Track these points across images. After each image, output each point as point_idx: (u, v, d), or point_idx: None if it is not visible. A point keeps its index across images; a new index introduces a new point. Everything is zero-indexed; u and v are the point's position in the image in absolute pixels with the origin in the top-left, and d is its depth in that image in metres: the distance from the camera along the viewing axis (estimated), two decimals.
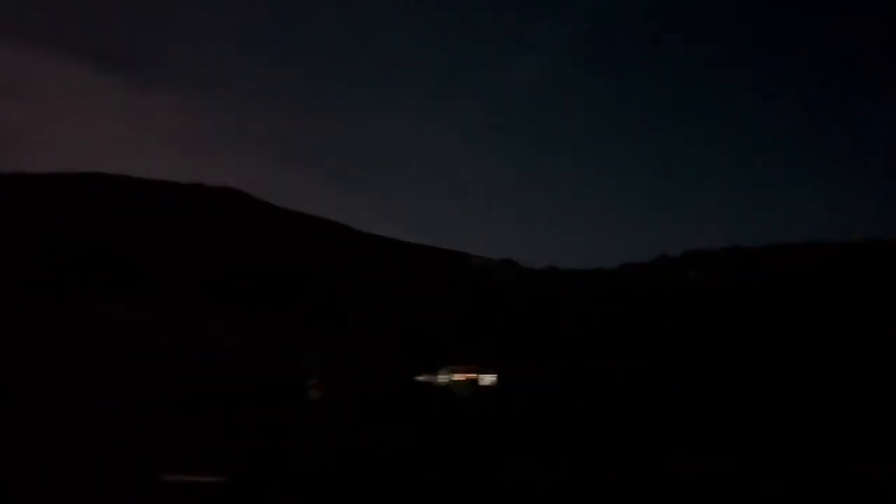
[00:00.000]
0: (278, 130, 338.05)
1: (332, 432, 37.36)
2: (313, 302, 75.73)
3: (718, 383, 52.47)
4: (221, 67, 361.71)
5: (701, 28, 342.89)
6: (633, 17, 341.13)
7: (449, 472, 31.31)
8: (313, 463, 27.33)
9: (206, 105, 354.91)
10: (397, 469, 30.48)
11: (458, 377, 67.63)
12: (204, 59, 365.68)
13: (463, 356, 67.47)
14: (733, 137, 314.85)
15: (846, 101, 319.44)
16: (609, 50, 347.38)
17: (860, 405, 42.56)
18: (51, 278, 70.69)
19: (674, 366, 59.86)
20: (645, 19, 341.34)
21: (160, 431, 32.00)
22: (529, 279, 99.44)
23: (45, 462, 23.50)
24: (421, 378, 66.41)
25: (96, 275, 72.93)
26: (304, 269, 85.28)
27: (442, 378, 67.43)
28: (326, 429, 38.14)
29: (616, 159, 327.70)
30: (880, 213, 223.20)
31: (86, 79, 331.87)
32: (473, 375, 67.81)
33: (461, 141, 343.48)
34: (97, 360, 50.79)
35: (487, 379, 67.73)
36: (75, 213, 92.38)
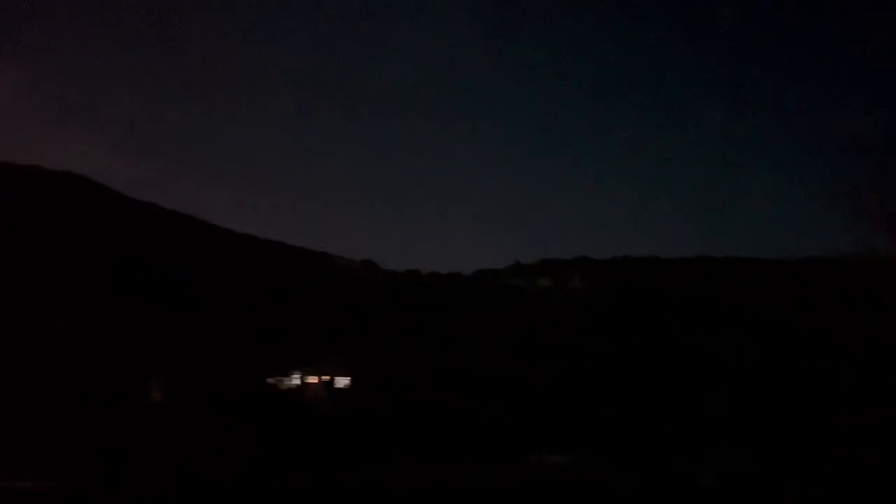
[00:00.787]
0: (135, 119, 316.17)
1: (174, 434, 35.22)
2: (161, 298, 71.37)
3: (570, 383, 54.69)
4: (70, 47, 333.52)
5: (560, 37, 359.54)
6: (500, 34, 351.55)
7: (299, 473, 30.28)
8: (154, 465, 25.67)
9: (52, 85, 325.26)
10: (243, 471, 29.09)
11: (311, 379, 66.05)
12: (54, 36, 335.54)
13: (319, 357, 66.07)
14: (585, 155, 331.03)
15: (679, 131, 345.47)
16: (473, 57, 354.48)
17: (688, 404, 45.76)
18: None
19: (527, 366, 61.81)
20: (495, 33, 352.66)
21: None
22: (390, 281, 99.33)
23: None
24: (272, 380, 64.23)
25: None
26: (152, 262, 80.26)
27: (295, 380, 65.59)
28: (169, 430, 36.01)
29: (476, 168, 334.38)
30: (709, 232, 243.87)
31: None
32: (327, 377, 66.45)
33: (326, 141, 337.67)
34: None
35: (342, 381, 66.57)
36: None
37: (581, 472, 33.54)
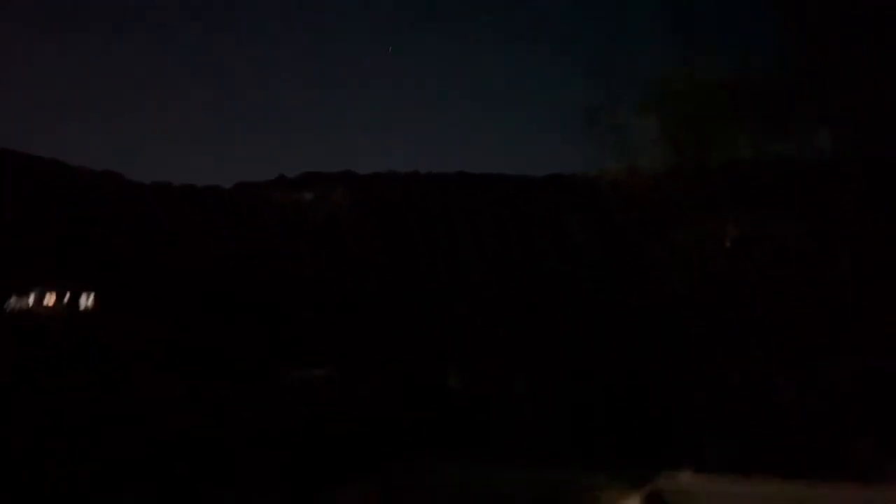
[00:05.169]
0: None
1: None
2: None
3: (332, 299, 55.79)
4: None
5: None
6: None
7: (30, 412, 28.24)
8: None
9: None
10: None
11: (48, 300, 60.84)
12: None
13: (57, 275, 60.56)
14: (350, 66, 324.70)
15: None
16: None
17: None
18: None
19: (288, 283, 61.82)
20: None
21: None
22: (135, 193, 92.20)
23: None
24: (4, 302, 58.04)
25: None
26: None
27: (27, 301, 59.87)
28: None
29: (235, 75, 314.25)
30: (468, 149, 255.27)
31: None
32: (68, 297, 61.67)
33: (66, 41, 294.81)
34: None
35: (86, 300, 62.15)
36: None
37: (336, 383, 35.01)
